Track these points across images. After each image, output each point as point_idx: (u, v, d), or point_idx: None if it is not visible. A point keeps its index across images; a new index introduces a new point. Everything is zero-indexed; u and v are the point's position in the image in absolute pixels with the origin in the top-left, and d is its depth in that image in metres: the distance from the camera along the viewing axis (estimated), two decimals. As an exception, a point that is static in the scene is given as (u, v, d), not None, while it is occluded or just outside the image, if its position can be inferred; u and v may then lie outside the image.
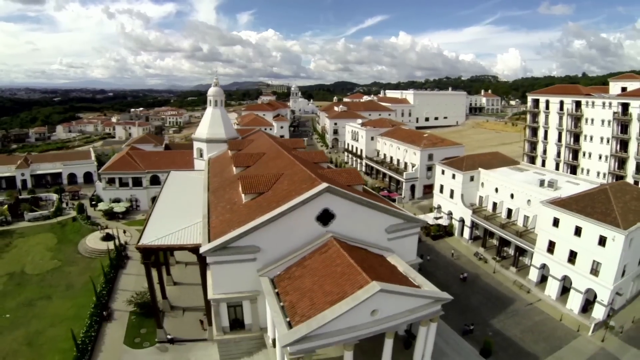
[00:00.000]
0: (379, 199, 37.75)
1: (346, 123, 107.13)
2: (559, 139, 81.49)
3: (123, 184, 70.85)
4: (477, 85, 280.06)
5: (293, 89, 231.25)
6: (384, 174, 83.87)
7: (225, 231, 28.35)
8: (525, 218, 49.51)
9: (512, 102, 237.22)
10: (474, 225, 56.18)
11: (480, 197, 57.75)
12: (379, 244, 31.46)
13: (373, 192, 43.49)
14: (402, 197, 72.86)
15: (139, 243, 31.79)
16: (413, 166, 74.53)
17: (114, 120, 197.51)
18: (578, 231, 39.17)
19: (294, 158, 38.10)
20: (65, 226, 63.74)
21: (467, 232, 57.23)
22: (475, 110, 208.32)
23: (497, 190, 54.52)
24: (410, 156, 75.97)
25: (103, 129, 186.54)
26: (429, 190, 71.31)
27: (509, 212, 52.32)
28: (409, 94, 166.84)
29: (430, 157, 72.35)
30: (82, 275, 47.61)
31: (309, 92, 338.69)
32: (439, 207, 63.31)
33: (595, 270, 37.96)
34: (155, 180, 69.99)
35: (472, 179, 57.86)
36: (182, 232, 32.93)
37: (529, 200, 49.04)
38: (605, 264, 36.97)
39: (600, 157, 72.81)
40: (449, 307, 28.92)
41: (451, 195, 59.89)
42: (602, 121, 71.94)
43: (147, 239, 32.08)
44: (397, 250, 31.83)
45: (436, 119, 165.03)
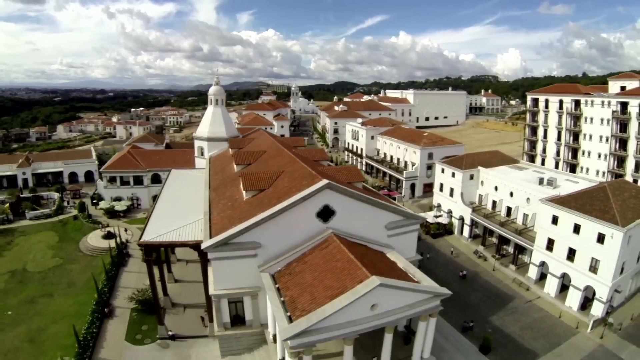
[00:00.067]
0: (378, 196, 37.90)
1: (346, 122, 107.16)
2: (559, 138, 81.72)
3: (124, 182, 71.06)
4: (477, 85, 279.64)
5: (293, 88, 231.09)
6: (384, 173, 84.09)
7: (227, 227, 28.59)
8: (525, 216, 49.71)
9: (512, 102, 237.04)
10: (473, 223, 56.35)
11: (480, 196, 57.97)
12: (379, 241, 31.69)
13: (373, 190, 43.68)
14: (402, 195, 73.00)
15: (141, 239, 31.97)
16: (413, 165, 74.72)
17: (114, 120, 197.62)
18: (577, 229, 39.31)
19: (295, 156, 38.31)
20: (67, 224, 63.87)
21: (466, 231, 57.39)
22: (475, 110, 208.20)
23: (496, 188, 54.73)
24: (410, 155, 76.16)
25: (104, 129, 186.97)
26: (429, 188, 71.50)
27: (509, 210, 52.53)
28: (409, 94, 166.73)
29: (430, 155, 72.56)
30: (84, 273, 47.80)
31: (309, 92, 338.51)
32: (438, 205, 63.49)
33: (594, 267, 38.12)
34: (156, 179, 70.21)
35: (471, 177, 58.05)
36: (184, 229, 33.06)
37: (528, 199, 49.25)
38: (603, 261, 37.13)
39: (599, 155, 72.98)
40: (448, 304, 29.15)
41: (451, 194, 60.07)
42: (601, 120, 72.11)
43: (149, 235, 32.25)
44: (396, 247, 32.05)
45: (436, 118, 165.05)
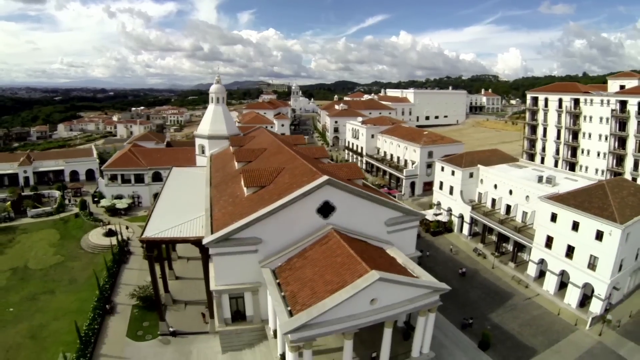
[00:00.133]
0: (379, 193, 38.10)
1: (347, 121, 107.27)
2: (558, 137, 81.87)
3: (125, 180, 71.31)
4: (478, 84, 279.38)
5: (294, 87, 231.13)
6: (384, 172, 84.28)
7: (228, 223, 28.80)
8: (524, 214, 49.94)
9: (512, 101, 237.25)
10: (473, 221, 56.56)
11: (480, 194, 58.18)
12: (379, 237, 31.91)
13: (373, 187, 43.90)
14: (402, 194, 73.21)
15: (143, 236, 32.22)
16: (413, 163, 74.91)
17: (115, 119, 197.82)
18: (575, 226, 39.49)
19: (295, 153, 38.51)
20: (68, 222, 64.11)
21: (466, 228, 57.60)
22: (475, 110, 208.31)
23: (496, 186, 54.95)
24: (410, 153, 76.37)
25: (104, 128, 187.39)
26: (428, 187, 71.67)
27: (508, 208, 52.76)
28: (409, 93, 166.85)
29: (430, 154, 72.78)
30: (85, 270, 48.04)
31: (310, 92, 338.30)
32: (438, 203, 63.68)
33: (592, 264, 38.31)
34: (157, 177, 70.44)
35: (471, 175, 58.25)
36: (185, 225, 33.27)
37: (527, 197, 49.43)
38: (602, 258, 37.32)
39: (598, 154, 73.15)
40: (448, 301, 29.31)
41: (451, 192, 60.27)
42: (601, 119, 72.25)
43: (151, 231, 32.48)
44: (396, 243, 32.28)
45: (436, 117, 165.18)
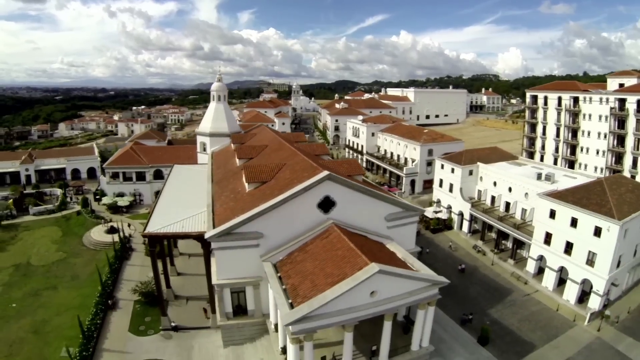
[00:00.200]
0: (379, 189, 38.40)
1: (347, 120, 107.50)
2: (557, 135, 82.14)
3: (127, 178, 71.68)
4: (478, 84, 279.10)
5: (294, 87, 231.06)
6: (385, 170, 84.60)
7: (230, 218, 29.14)
8: (523, 211, 50.20)
9: (512, 100, 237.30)
10: (472, 218, 56.85)
11: (479, 191, 58.46)
12: (379, 232, 32.24)
13: (373, 184, 44.21)
14: (402, 191, 73.48)
15: (145, 231, 32.55)
16: (413, 161, 75.22)
17: (116, 117, 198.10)
18: (574, 222, 39.81)
19: (296, 150, 38.84)
20: (70, 220, 64.48)
21: (466, 226, 57.91)
22: (475, 109, 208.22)
23: (495, 184, 55.23)
24: (410, 152, 76.67)
25: (105, 127, 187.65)
26: (428, 185, 71.96)
27: (507, 205, 53.01)
28: (409, 92, 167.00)
29: (430, 152, 73.10)
30: (87, 267, 48.39)
31: (310, 91, 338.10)
32: (438, 201, 63.98)
33: (590, 260, 38.62)
34: (158, 175, 70.83)
35: (471, 173, 58.51)
36: (187, 221, 33.55)
37: (526, 194, 49.69)
38: (600, 254, 37.64)
39: (597, 152, 73.40)
40: (447, 297, 29.57)
41: (450, 189, 60.57)
42: (600, 117, 72.50)
43: (153, 226, 32.79)
44: (396, 239, 32.61)
45: (437, 116, 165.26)
